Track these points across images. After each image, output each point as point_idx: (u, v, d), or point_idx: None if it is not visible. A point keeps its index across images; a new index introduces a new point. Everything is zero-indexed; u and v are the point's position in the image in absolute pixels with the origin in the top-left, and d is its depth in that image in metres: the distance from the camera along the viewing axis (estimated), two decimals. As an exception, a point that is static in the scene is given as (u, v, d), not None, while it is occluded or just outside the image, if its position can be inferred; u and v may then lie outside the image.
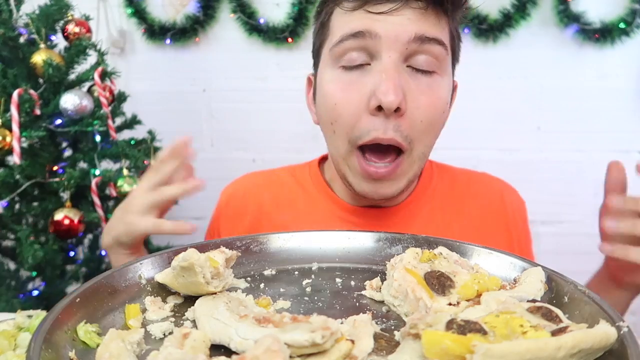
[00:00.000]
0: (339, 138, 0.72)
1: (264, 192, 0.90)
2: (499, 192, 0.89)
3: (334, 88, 0.71)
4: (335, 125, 0.72)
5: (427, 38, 0.67)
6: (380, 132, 0.67)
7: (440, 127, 0.74)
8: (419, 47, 0.67)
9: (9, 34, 1.32)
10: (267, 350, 0.32)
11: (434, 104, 0.69)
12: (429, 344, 0.33)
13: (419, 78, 0.69)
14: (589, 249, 2.03)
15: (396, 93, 0.65)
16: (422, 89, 0.69)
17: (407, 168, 0.71)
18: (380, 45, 0.67)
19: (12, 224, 1.35)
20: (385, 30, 0.66)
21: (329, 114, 0.72)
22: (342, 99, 0.70)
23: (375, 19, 0.67)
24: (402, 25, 0.66)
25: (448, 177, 0.89)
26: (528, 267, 0.51)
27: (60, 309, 0.40)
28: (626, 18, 1.79)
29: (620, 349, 0.34)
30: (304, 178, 0.89)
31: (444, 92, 0.71)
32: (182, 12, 1.93)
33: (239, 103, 2.01)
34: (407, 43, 0.66)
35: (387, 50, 0.67)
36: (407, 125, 0.68)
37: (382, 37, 0.66)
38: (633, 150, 1.93)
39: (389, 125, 0.67)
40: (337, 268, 0.57)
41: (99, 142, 1.44)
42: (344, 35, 0.69)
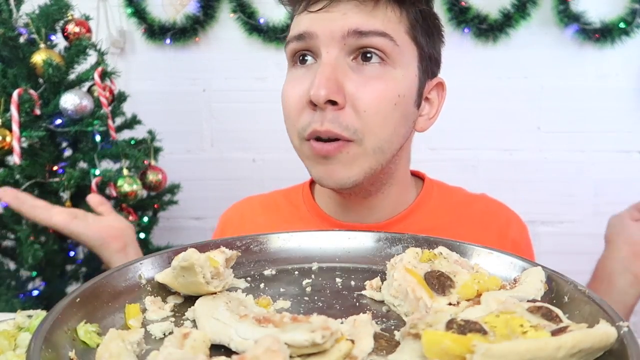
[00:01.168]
0: (291, 133, 0.74)
1: (259, 216, 0.91)
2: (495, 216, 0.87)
3: (286, 86, 0.74)
4: (287, 122, 0.74)
5: (364, 32, 0.66)
6: (317, 124, 0.67)
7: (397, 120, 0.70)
8: (359, 42, 0.67)
9: (8, 34, 1.32)
10: (267, 350, 0.32)
11: (380, 93, 0.67)
12: (429, 344, 0.33)
13: (364, 70, 0.68)
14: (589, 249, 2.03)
15: (327, 86, 0.65)
16: (367, 79, 0.67)
17: (357, 156, 0.69)
18: (319, 43, 0.68)
19: (12, 224, 1.35)
20: (321, 29, 0.68)
21: (283, 111, 0.74)
22: (289, 96, 0.72)
23: (315, 19, 0.69)
24: (336, 21, 0.67)
25: (448, 197, 0.87)
26: (528, 267, 0.51)
27: (60, 309, 0.40)
28: (626, 18, 1.79)
29: (620, 348, 0.34)
30: (298, 199, 0.89)
31: (394, 83, 0.69)
32: (182, 12, 1.94)
33: (239, 103, 2.01)
34: (343, 39, 0.67)
35: (326, 47, 0.68)
36: (349, 117, 0.67)
37: (319, 36, 0.68)
38: (633, 150, 1.93)
39: (326, 117, 0.67)
40: (337, 268, 0.57)
41: (99, 142, 1.44)
42: (290, 37, 0.72)
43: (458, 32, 1.88)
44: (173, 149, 1.93)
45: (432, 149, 1.97)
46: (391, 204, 0.81)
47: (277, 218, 0.89)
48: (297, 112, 0.70)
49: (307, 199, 0.88)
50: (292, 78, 0.73)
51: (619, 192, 1.95)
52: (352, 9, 0.67)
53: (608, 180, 1.95)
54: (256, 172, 2.05)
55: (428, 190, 0.86)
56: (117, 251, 0.87)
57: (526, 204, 2.06)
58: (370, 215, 0.81)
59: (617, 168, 1.93)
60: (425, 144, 1.97)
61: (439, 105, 0.81)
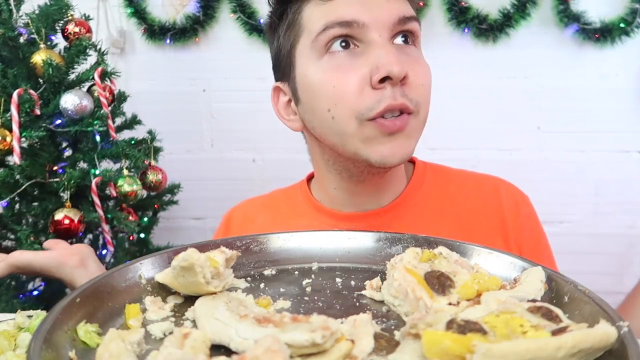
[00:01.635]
0: (342, 120, 0.71)
1: (260, 216, 0.92)
2: (494, 189, 0.87)
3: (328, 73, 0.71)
4: (334, 110, 0.71)
5: (407, 18, 0.72)
6: (390, 99, 0.69)
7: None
8: (402, 27, 0.72)
9: (8, 34, 1.32)
10: (267, 350, 0.32)
11: (425, 70, 0.75)
12: (429, 344, 0.33)
13: (407, 50, 0.73)
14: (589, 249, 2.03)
15: (400, 63, 0.68)
16: (414, 58, 0.73)
17: (415, 127, 0.73)
18: (367, 31, 0.70)
19: (12, 224, 1.35)
20: (370, 18, 0.70)
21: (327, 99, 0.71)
22: (342, 81, 0.70)
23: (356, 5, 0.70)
24: (385, 9, 0.71)
25: (441, 178, 0.88)
26: (528, 267, 0.51)
27: (60, 309, 0.40)
28: (626, 18, 1.79)
29: (621, 348, 0.34)
30: (297, 196, 0.91)
31: (425, 61, 0.77)
32: (182, 12, 1.94)
33: (239, 103, 2.01)
34: (392, 25, 0.71)
35: (377, 32, 0.70)
36: (413, 91, 0.71)
37: (368, 25, 0.69)
38: (633, 150, 1.93)
39: (396, 92, 0.69)
40: (337, 268, 0.57)
41: (99, 142, 1.44)
42: (328, 23, 0.70)
43: (458, 32, 1.88)
44: (173, 149, 1.93)
45: (432, 149, 1.97)
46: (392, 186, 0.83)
47: (277, 216, 0.90)
48: (356, 95, 0.70)
49: (305, 195, 0.89)
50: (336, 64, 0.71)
51: (619, 192, 1.95)
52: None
53: (608, 180, 1.95)
54: (256, 172, 2.05)
55: (420, 172, 0.87)
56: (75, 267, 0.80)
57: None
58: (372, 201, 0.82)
59: (617, 168, 1.93)
60: (425, 144, 1.96)
61: None
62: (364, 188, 0.81)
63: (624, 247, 1.97)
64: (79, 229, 1.33)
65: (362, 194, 0.82)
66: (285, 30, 0.76)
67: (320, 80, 0.72)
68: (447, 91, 1.92)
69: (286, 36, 0.76)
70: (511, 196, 0.87)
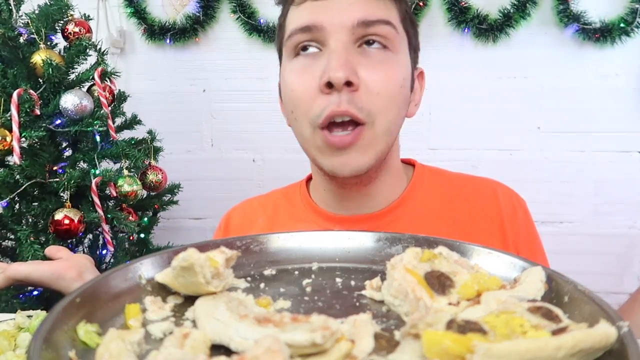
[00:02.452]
0: (301, 124, 0.73)
1: (259, 217, 0.91)
2: (491, 193, 0.87)
3: (291, 76, 0.74)
4: (295, 113, 0.73)
5: (371, 21, 0.70)
6: (334, 105, 0.68)
7: (400, 103, 0.74)
8: (366, 31, 0.70)
9: (8, 34, 1.32)
10: (267, 350, 0.32)
11: (389, 76, 0.71)
12: (429, 344, 0.33)
13: (371, 54, 0.71)
14: (589, 249, 2.03)
15: (344, 68, 0.66)
16: (375, 63, 0.71)
17: (371, 140, 0.71)
18: (326, 34, 0.70)
19: (12, 224, 1.35)
20: (329, 20, 0.69)
21: (289, 102, 0.74)
22: (298, 84, 0.72)
23: (320, 10, 0.70)
24: (344, 12, 0.69)
25: (440, 181, 0.88)
26: (528, 267, 0.51)
27: (60, 309, 0.40)
28: (626, 18, 1.79)
29: (621, 348, 0.34)
30: (295, 197, 0.90)
31: (399, 67, 0.73)
32: (182, 12, 1.94)
33: (239, 103, 2.02)
34: (351, 29, 0.69)
35: (334, 36, 0.69)
36: (363, 99, 0.69)
37: (327, 27, 0.69)
38: (633, 150, 1.93)
39: (343, 98, 0.68)
40: (337, 268, 0.57)
41: (99, 142, 1.44)
42: (293, 30, 0.72)
43: (458, 32, 1.88)
44: (173, 149, 1.93)
45: (432, 149, 1.97)
46: (385, 192, 0.82)
47: (276, 217, 0.90)
48: (309, 100, 0.70)
49: (304, 196, 0.89)
50: (295, 68, 0.73)
51: (619, 192, 1.95)
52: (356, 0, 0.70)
53: (608, 180, 1.95)
54: (256, 172, 2.05)
55: (419, 175, 0.87)
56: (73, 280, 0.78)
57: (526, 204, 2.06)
58: (365, 205, 0.82)
59: (617, 168, 1.94)
60: (425, 144, 1.97)
61: (421, 92, 0.85)
62: (349, 193, 0.81)
63: (624, 247, 1.97)
64: (79, 229, 1.33)
65: (349, 199, 0.82)
66: (277, 30, 0.80)
67: (286, 82, 0.75)
68: (447, 91, 1.92)
69: (277, 36, 0.81)
70: (509, 199, 0.87)
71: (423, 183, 0.86)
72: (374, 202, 0.82)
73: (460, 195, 0.86)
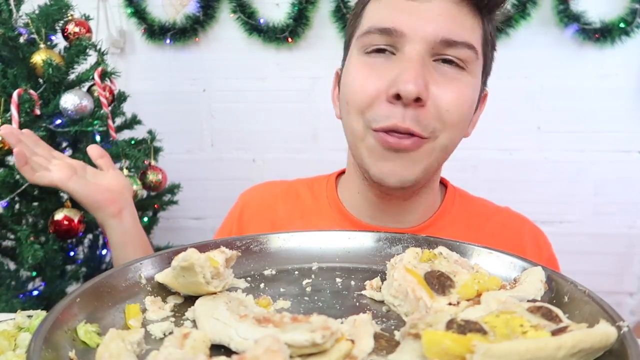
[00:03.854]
0: (354, 119, 0.70)
1: (279, 204, 0.88)
2: (517, 230, 0.85)
3: (357, 70, 0.71)
4: (351, 106, 0.71)
5: (455, 42, 0.66)
6: (398, 119, 0.65)
7: (465, 124, 0.72)
8: (446, 50, 0.67)
9: (8, 34, 1.32)
10: (267, 350, 0.32)
11: (460, 97, 0.68)
12: (429, 344, 0.33)
13: (445, 71, 0.68)
14: (589, 249, 2.03)
15: (416, 82, 0.63)
16: (448, 81, 0.67)
17: (427, 153, 0.69)
18: (405, 40, 0.66)
19: (12, 224, 1.35)
20: (411, 28, 0.66)
21: (348, 94, 0.71)
22: (362, 80, 0.69)
23: (404, 13, 0.66)
24: (429, 22, 0.65)
25: (468, 208, 0.85)
26: (528, 267, 0.51)
27: (60, 309, 0.40)
28: (626, 18, 1.79)
29: (620, 348, 0.34)
30: (321, 192, 0.87)
31: (471, 89, 0.70)
32: (182, 12, 1.94)
33: (239, 103, 2.01)
34: (433, 43, 0.66)
35: (412, 45, 0.66)
36: (429, 116, 0.66)
37: (407, 35, 0.66)
38: (633, 150, 1.93)
39: (408, 114, 0.65)
40: (337, 268, 0.57)
41: (99, 142, 1.44)
42: (371, 27, 0.69)
43: (458, 32, 1.88)
44: (173, 149, 1.93)
45: (432, 149, 1.97)
46: (421, 209, 0.80)
47: (296, 209, 0.87)
48: (370, 101, 0.68)
49: (331, 193, 0.86)
50: (365, 65, 0.70)
51: (619, 192, 1.95)
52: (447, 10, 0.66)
53: (608, 180, 1.95)
54: (256, 172, 2.05)
55: (450, 198, 0.85)
56: (112, 216, 0.85)
57: (526, 204, 2.06)
58: (397, 219, 0.79)
59: (617, 168, 1.94)
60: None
61: (479, 114, 0.82)
62: (386, 204, 0.78)
63: (624, 247, 1.97)
64: (78, 229, 1.33)
65: (384, 210, 0.79)
66: (351, 19, 0.77)
67: (350, 73, 0.72)
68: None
69: (350, 25, 0.77)
70: (534, 239, 0.86)
71: (453, 206, 0.84)
72: (408, 217, 0.80)
73: (486, 227, 0.84)
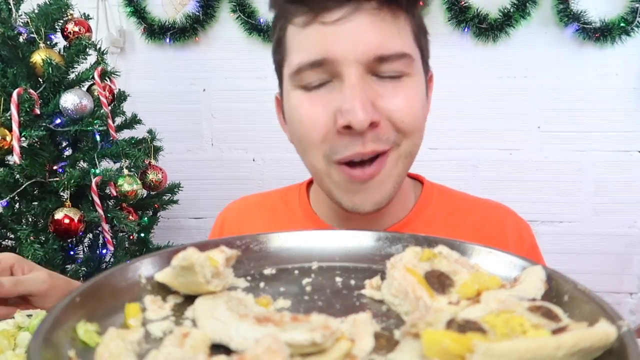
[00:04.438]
0: (312, 156, 0.69)
1: (255, 217, 0.88)
2: (499, 221, 0.84)
3: (300, 106, 0.68)
4: (305, 144, 0.69)
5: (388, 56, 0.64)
6: (359, 147, 0.64)
7: (423, 124, 0.71)
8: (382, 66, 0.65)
9: (8, 33, 1.32)
10: (267, 350, 0.32)
11: (410, 101, 0.67)
12: (429, 343, 0.33)
13: (387, 83, 0.66)
14: (589, 249, 2.03)
15: (365, 110, 0.61)
16: (393, 91, 0.66)
17: (392, 166, 0.68)
18: (339, 66, 0.64)
19: (12, 224, 1.35)
20: (342, 52, 0.63)
21: (297, 132, 0.69)
22: (308, 116, 0.67)
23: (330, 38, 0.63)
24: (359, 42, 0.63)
25: (447, 203, 0.84)
26: (528, 266, 0.51)
27: (60, 309, 0.40)
28: (626, 17, 1.79)
29: (620, 348, 0.34)
30: (294, 202, 0.86)
31: (417, 90, 0.69)
32: (182, 12, 1.94)
33: (239, 103, 2.02)
34: (367, 62, 0.64)
35: (348, 70, 0.64)
36: (387, 131, 0.65)
37: (340, 60, 0.63)
38: (633, 150, 1.93)
39: (368, 137, 0.64)
40: (337, 267, 0.57)
41: (99, 142, 1.44)
42: (301, 64, 0.65)
43: (458, 31, 1.88)
44: (173, 148, 1.93)
45: (432, 148, 1.97)
46: (393, 211, 0.79)
47: (272, 221, 0.86)
48: (323, 135, 0.66)
49: (303, 203, 0.85)
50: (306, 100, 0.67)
51: (619, 192, 1.95)
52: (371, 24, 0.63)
53: (608, 180, 1.95)
54: (256, 172, 2.05)
55: (427, 194, 0.84)
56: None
57: (526, 204, 2.06)
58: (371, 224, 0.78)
59: (617, 168, 1.94)
60: (425, 143, 1.96)
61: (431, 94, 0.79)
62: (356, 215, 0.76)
63: (624, 247, 1.97)
64: (79, 229, 1.33)
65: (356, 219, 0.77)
66: (276, 44, 0.74)
67: (293, 107, 0.69)
68: (447, 91, 1.92)
69: (276, 51, 0.74)
70: (516, 230, 0.84)
71: (431, 203, 0.83)
72: (381, 221, 0.79)
73: (467, 220, 0.82)
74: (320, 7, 0.63)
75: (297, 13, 0.66)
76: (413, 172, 0.88)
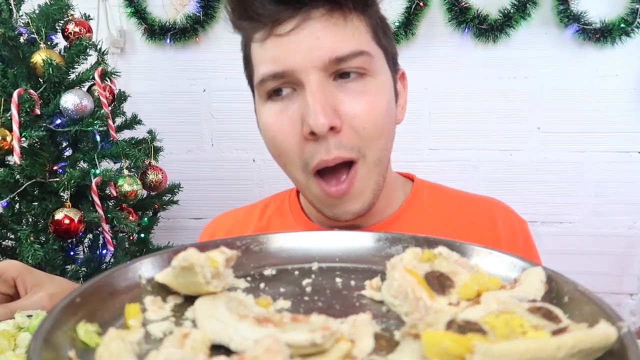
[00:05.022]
0: (291, 169, 0.71)
1: (247, 227, 0.88)
2: (490, 216, 0.83)
3: (269, 120, 0.70)
4: (282, 158, 0.71)
5: (344, 56, 0.65)
6: (322, 153, 0.65)
7: (390, 127, 0.71)
8: (339, 66, 0.66)
9: (9, 34, 1.33)
10: (267, 350, 0.32)
11: (372, 107, 0.67)
12: (429, 344, 0.33)
13: (349, 87, 0.67)
14: (589, 249, 2.03)
15: (324, 114, 0.62)
16: (355, 95, 0.66)
17: (365, 177, 0.69)
18: (298, 75, 0.65)
19: (12, 224, 1.35)
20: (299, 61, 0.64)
21: (273, 148, 0.72)
22: (278, 130, 0.69)
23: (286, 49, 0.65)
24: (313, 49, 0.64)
25: (438, 199, 0.84)
26: (528, 267, 0.51)
27: (60, 309, 0.40)
28: (626, 18, 1.79)
29: (620, 349, 0.34)
30: (284, 206, 0.87)
31: (381, 92, 0.69)
32: (182, 12, 1.94)
33: (239, 103, 2.01)
34: (324, 67, 0.65)
35: (306, 76, 0.65)
36: (350, 137, 0.66)
37: (298, 69, 0.65)
38: (633, 150, 1.93)
39: (331, 144, 0.65)
40: (337, 268, 0.57)
41: (99, 142, 1.44)
42: (264, 76, 0.67)
43: (458, 32, 1.88)
44: (173, 149, 1.93)
45: (431, 149, 1.97)
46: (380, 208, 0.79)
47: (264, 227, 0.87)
48: (294, 146, 0.67)
49: (295, 208, 0.86)
50: (272, 112, 0.69)
51: (619, 192, 1.95)
52: (322, 29, 0.65)
53: (608, 180, 1.95)
54: (256, 172, 2.05)
55: (417, 191, 0.84)
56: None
57: (526, 204, 2.07)
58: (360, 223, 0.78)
59: (617, 168, 1.94)
60: (425, 144, 1.97)
61: (406, 93, 0.80)
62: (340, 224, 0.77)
63: (624, 247, 1.97)
64: (79, 229, 1.33)
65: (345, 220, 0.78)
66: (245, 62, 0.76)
67: (265, 124, 0.71)
68: (447, 91, 1.92)
69: (246, 67, 0.76)
70: (509, 224, 0.84)
71: (421, 199, 0.83)
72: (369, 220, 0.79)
73: (458, 216, 0.82)
74: (273, 22, 0.65)
75: (254, 30, 0.68)
76: (412, 172, 0.89)
